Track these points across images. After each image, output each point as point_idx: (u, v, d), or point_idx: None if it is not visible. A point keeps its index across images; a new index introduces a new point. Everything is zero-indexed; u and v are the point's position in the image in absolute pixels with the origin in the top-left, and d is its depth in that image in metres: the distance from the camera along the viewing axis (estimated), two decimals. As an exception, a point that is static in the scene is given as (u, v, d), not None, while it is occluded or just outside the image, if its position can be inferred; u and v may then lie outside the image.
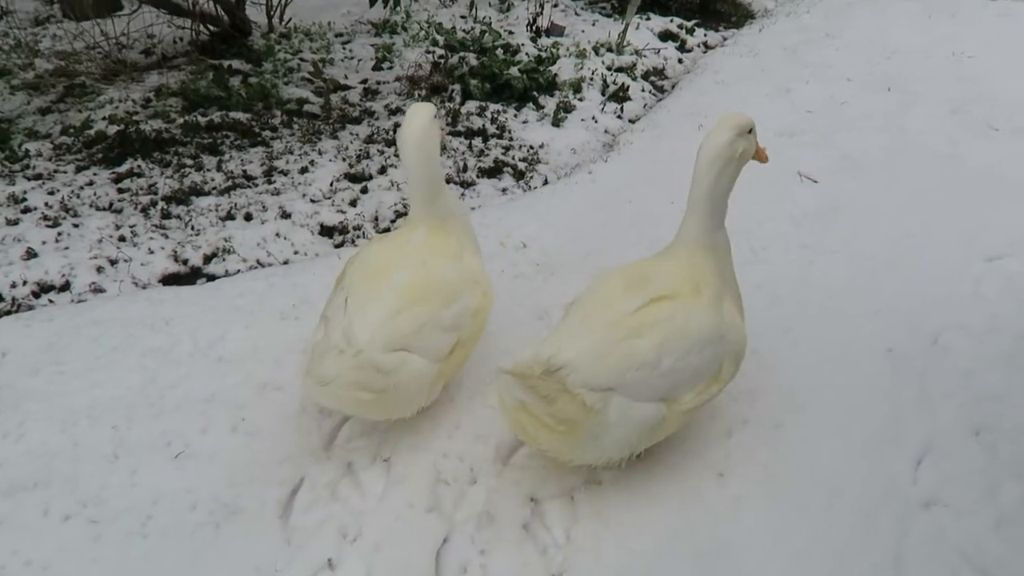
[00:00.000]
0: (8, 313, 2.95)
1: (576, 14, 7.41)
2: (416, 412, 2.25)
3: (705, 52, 6.94)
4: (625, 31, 6.30)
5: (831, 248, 3.47)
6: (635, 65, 6.06)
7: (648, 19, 7.28)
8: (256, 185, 3.89)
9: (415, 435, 2.34)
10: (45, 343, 2.68)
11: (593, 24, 7.03)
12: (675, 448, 2.35)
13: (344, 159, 4.17)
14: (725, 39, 7.36)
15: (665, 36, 7.05)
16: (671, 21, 7.36)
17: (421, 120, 2.23)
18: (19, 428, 2.33)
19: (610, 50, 6.23)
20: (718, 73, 5.78)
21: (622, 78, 5.69)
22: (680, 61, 6.61)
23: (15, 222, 3.46)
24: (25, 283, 3.11)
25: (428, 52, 5.88)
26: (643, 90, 5.70)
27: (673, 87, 5.91)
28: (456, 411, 2.43)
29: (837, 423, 2.43)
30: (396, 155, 4.24)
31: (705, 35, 7.40)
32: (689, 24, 7.38)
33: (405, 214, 3.70)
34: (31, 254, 3.26)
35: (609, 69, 5.88)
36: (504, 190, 4.07)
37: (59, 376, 2.54)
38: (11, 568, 1.92)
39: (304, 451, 2.30)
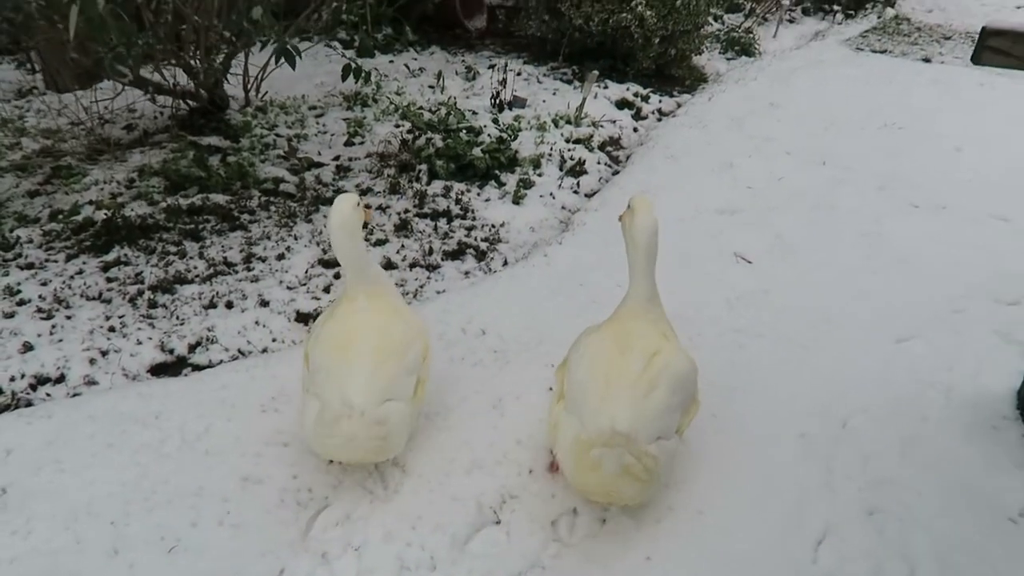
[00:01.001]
0: (8, 407, 3.23)
1: (538, 81, 7.86)
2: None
3: (660, 119, 7.41)
4: (583, 104, 6.73)
5: (759, 331, 3.86)
6: (592, 137, 6.47)
7: (606, 87, 7.74)
8: (236, 272, 4.21)
9: (383, 526, 2.66)
10: (45, 441, 2.96)
11: (554, 93, 7.47)
12: (611, 533, 2.69)
13: (318, 243, 4.50)
14: (679, 104, 7.85)
15: (622, 104, 7.51)
16: (627, 89, 7.82)
17: (344, 208, 2.70)
18: (26, 525, 2.61)
19: (568, 122, 6.65)
20: (668, 148, 6.22)
21: (579, 151, 6.09)
22: (635, 130, 7.05)
23: (11, 315, 3.73)
24: (23, 376, 3.38)
25: (397, 126, 6.26)
26: (599, 162, 6.10)
27: (627, 158, 6.33)
28: (419, 504, 2.74)
29: (751, 508, 2.79)
30: (367, 239, 4.58)
31: (660, 101, 7.88)
32: (644, 92, 7.86)
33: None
34: (27, 347, 3.54)
35: (568, 141, 6.29)
36: (467, 273, 4.42)
37: (60, 474, 2.82)
38: (27, 661, 2.20)
39: (283, 542, 2.60)
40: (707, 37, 9.58)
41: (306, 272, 4.24)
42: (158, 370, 3.53)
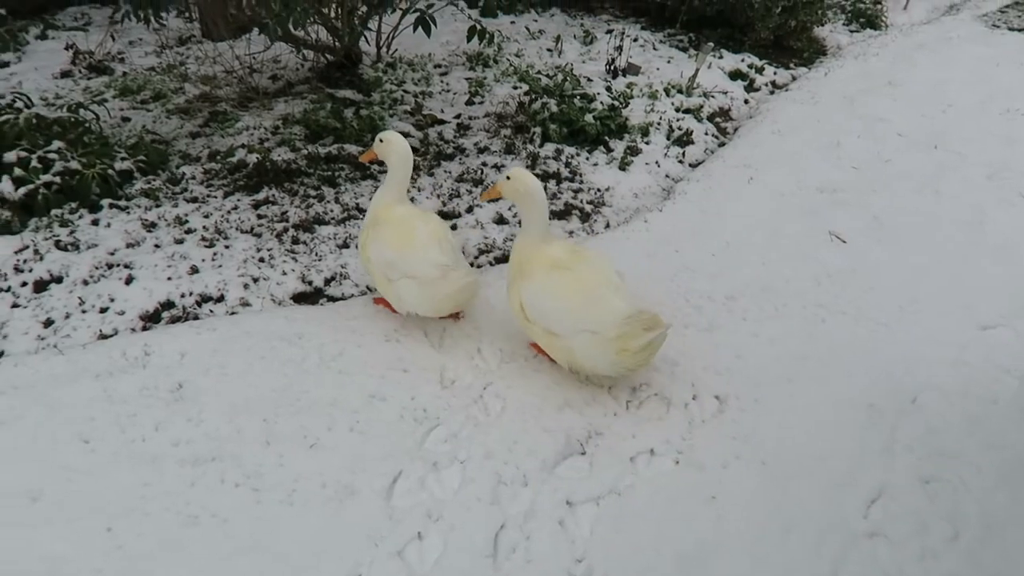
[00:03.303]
0: (179, 319, 3.84)
1: (654, 48, 8.02)
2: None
3: (772, 92, 7.45)
4: (696, 75, 6.87)
5: (842, 308, 4.06)
6: (702, 107, 6.63)
7: (720, 57, 7.81)
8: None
9: (484, 446, 3.10)
10: (211, 349, 3.54)
11: (668, 61, 7.62)
12: (682, 473, 3.04)
13: (438, 196, 4.94)
14: (794, 78, 7.85)
15: (735, 75, 7.58)
16: (742, 60, 7.87)
17: (406, 142, 3.60)
18: (198, 415, 3.18)
19: (680, 91, 6.82)
20: (776, 122, 6.32)
21: (688, 121, 6.28)
22: (746, 102, 7.15)
23: (181, 241, 4.35)
24: (191, 294, 3.99)
25: (515, 88, 6.61)
26: (706, 133, 6.28)
27: (735, 131, 6.47)
28: (516, 431, 3.17)
29: (811, 464, 3.08)
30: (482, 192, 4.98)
31: (775, 73, 7.89)
32: (759, 63, 7.88)
33: (486, 251, 4.44)
34: (194, 270, 4.14)
35: (677, 111, 6.48)
36: (571, 232, 4.77)
37: (223, 377, 3.39)
38: (203, 518, 2.76)
39: (402, 450, 3.08)
40: (831, 7, 9.41)
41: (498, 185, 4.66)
42: (299, 298, 4.07)
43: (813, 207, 5.05)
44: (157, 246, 4.30)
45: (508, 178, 3.35)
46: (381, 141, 3.62)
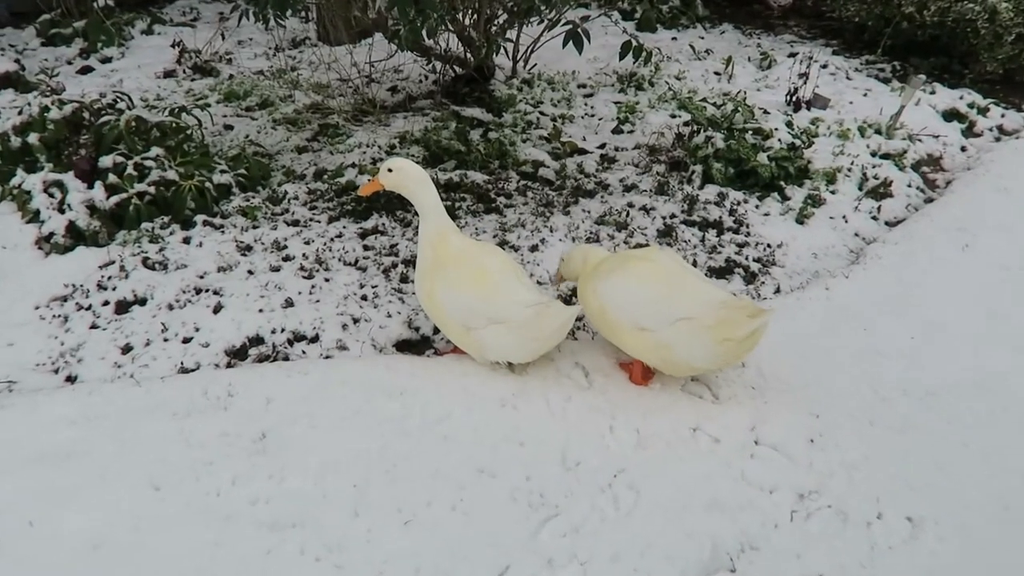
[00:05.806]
0: (267, 359, 4.04)
1: (847, 77, 7.90)
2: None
3: (998, 139, 7.17)
4: (899, 113, 6.70)
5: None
6: (905, 152, 6.45)
7: (932, 92, 7.61)
8: (487, 257, 4.83)
9: (611, 546, 3.07)
10: (301, 396, 3.69)
11: (864, 94, 7.49)
12: (817, 546, 2.91)
13: (573, 238, 5.01)
14: (1027, 122, 7.51)
15: (950, 115, 7.35)
16: (960, 97, 7.63)
17: (415, 165, 3.82)
18: (281, 471, 3.32)
19: (878, 132, 6.68)
20: (1002, 177, 6.06)
21: (887, 169, 6.13)
22: (963, 149, 6.90)
23: (277, 269, 4.60)
24: (283, 330, 4.19)
25: (673, 116, 6.66)
26: (909, 184, 6.10)
27: (947, 184, 6.25)
28: (651, 531, 3.13)
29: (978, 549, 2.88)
30: (626, 241, 5.02)
31: (1003, 115, 7.59)
32: (983, 102, 7.61)
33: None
34: (289, 303, 4.36)
35: (873, 155, 6.34)
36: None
37: (312, 430, 3.53)
38: (277, 592, 2.87)
39: (512, 539, 3.10)
40: (1082, 38, 8.99)
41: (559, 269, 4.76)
42: (403, 346, 4.20)
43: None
44: (251, 272, 4.56)
45: (390, 170, 3.77)
46: (391, 171, 3.81)
